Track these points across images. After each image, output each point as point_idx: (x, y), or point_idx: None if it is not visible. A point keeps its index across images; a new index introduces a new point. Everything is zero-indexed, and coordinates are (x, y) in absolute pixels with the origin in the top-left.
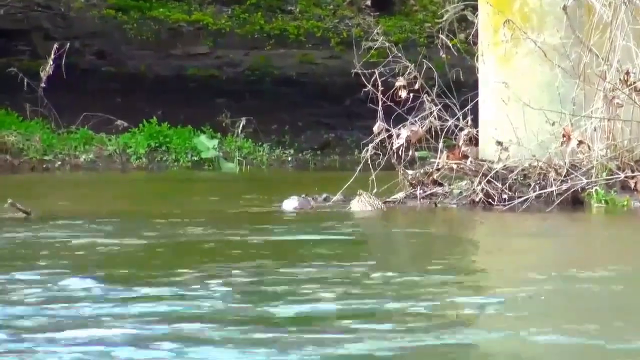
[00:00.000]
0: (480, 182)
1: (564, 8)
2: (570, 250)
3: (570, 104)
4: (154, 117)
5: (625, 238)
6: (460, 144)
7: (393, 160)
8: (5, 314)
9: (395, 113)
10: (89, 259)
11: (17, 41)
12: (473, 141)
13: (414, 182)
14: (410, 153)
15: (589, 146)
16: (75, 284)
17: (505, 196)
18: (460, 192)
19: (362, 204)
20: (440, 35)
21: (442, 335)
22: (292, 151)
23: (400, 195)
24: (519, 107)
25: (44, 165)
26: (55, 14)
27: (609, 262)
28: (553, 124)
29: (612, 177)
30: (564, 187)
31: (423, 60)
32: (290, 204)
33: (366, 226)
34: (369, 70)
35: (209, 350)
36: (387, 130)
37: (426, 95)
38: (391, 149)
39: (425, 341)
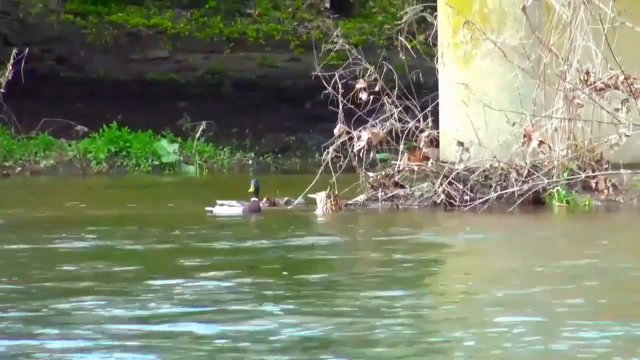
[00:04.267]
0: (441, 184)
1: (524, 9)
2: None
3: (530, 104)
4: (114, 122)
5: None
6: (421, 145)
7: (354, 163)
8: None
9: (356, 115)
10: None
11: None
12: (434, 143)
13: (375, 184)
14: (371, 155)
15: (549, 146)
16: None
17: (466, 197)
18: (422, 193)
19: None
20: (400, 37)
21: None
22: (252, 154)
23: (361, 197)
24: (479, 108)
25: (4, 172)
26: (14, 20)
27: None
28: (514, 124)
29: (573, 177)
30: (525, 187)
31: (383, 62)
32: (223, 210)
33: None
34: (329, 73)
35: None
36: (348, 133)
37: (386, 97)
38: (352, 151)
39: None
